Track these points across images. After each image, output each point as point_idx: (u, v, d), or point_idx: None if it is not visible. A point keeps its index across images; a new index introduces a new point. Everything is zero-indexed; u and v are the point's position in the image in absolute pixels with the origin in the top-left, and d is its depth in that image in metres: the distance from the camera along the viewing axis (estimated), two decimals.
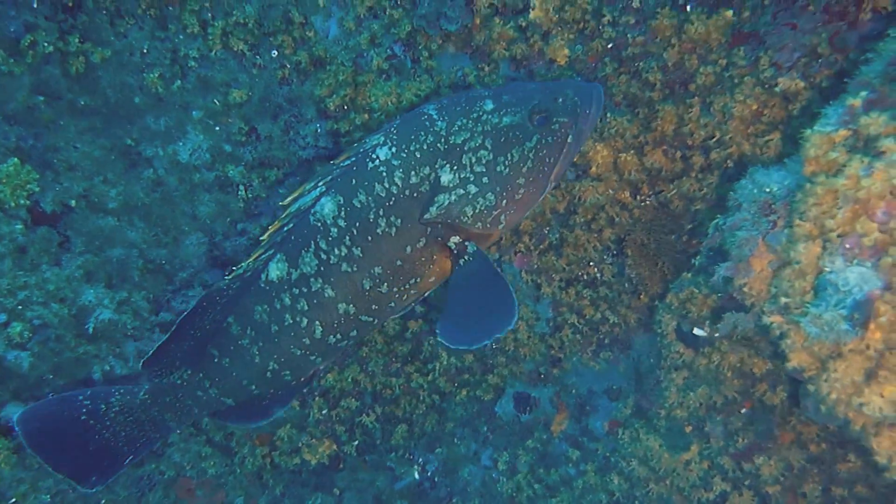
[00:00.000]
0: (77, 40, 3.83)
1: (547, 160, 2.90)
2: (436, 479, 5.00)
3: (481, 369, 4.78)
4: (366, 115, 3.91)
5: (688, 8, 3.89)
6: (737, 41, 3.70)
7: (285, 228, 3.00)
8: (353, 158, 2.93)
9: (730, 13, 3.69)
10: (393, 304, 3.10)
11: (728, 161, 3.77)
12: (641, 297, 4.65)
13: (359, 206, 2.90)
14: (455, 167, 2.85)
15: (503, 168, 2.85)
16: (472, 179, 2.85)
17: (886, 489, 3.60)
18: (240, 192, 4.15)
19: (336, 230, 2.92)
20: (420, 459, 5.02)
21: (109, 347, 4.01)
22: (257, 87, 4.08)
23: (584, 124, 2.93)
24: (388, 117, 3.84)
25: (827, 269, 2.41)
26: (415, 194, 2.87)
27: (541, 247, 4.42)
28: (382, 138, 2.90)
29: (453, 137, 2.85)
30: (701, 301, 3.84)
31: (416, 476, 5.01)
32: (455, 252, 2.96)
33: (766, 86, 3.51)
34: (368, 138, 2.94)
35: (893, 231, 2.23)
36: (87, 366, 3.97)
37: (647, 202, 4.33)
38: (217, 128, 4.10)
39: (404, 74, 3.99)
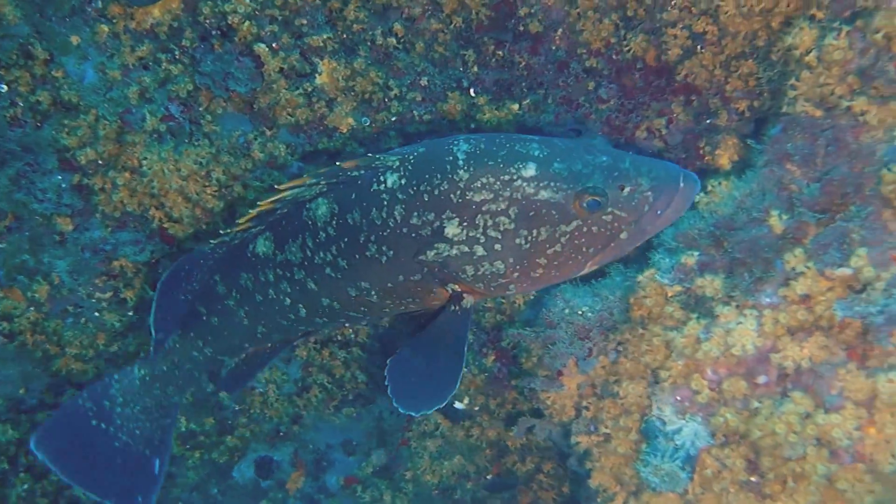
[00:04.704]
0: None
1: (584, 249, 2.51)
2: None
3: (218, 430, 4.45)
4: (127, 174, 3.38)
5: (472, 92, 3.95)
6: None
7: (278, 211, 2.80)
8: (362, 172, 2.63)
9: (516, 106, 3.81)
10: (388, 311, 2.88)
11: None
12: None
13: (351, 223, 2.64)
14: (464, 224, 2.53)
15: (523, 242, 2.51)
16: (481, 241, 2.53)
17: None
18: None
19: (324, 235, 2.71)
20: None
21: None
22: None
23: (649, 224, 2.48)
24: (161, 182, 3.35)
25: (655, 416, 2.61)
26: (413, 234, 2.59)
27: None
28: (397, 163, 2.60)
29: (472, 194, 2.50)
30: (469, 380, 3.95)
31: None
32: (452, 296, 2.70)
33: None
34: (385, 155, 2.63)
35: (724, 392, 2.47)
36: None
37: None
38: None
39: (181, 138, 3.51)
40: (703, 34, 3.44)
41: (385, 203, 2.59)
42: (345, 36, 3.72)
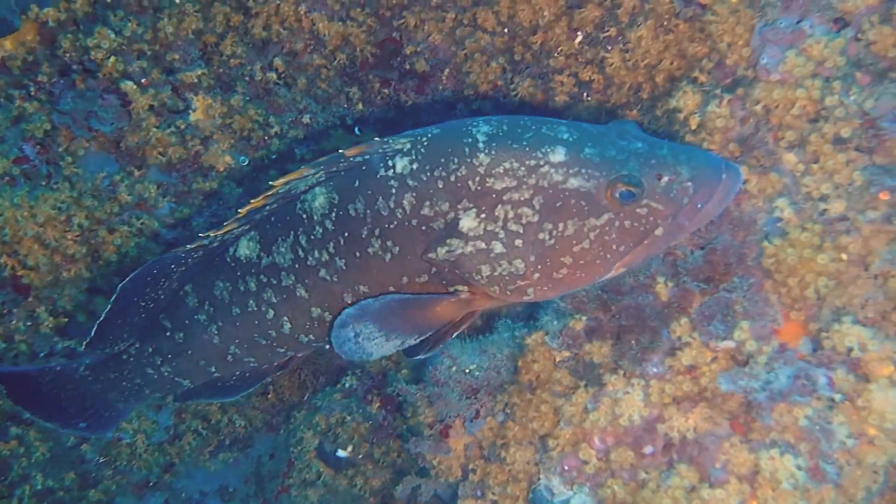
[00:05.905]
0: None
1: (613, 247, 2.21)
2: None
3: (79, 484, 4.13)
4: None
5: (356, 130, 3.84)
6: None
7: (267, 207, 2.46)
8: (367, 156, 2.30)
9: None
10: None
11: None
12: (270, 395, 4.51)
13: (353, 214, 2.32)
14: (483, 215, 2.23)
15: (547, 237, 2.21)
16: (500, 237, 2.23)
17: None
18: None
19: (321, 230, 2.37)
20: None
21: None
22: None
23: (687, 219, 2.19)
24: (14, 230, 3.06)
25: (542, 485, 2.55)
26: (423, 227, 2.29)
27: None
28: (409, 146, 2.28)
29: (492, 180, 2.21)
30: (353, 428, 3.84)
31: None
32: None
33: None
34: (394, 138, 2.31)
35: (612, 461, 2.44)
36: None
37: None
38: None
39: (37, 181, 3.21)
40: (590, 82, 3.44)
41: (393, 191, 2.28)
42: (221, 71, 3.53)
